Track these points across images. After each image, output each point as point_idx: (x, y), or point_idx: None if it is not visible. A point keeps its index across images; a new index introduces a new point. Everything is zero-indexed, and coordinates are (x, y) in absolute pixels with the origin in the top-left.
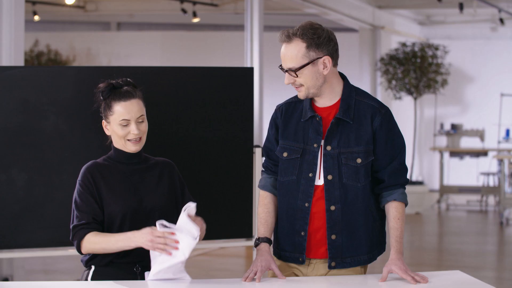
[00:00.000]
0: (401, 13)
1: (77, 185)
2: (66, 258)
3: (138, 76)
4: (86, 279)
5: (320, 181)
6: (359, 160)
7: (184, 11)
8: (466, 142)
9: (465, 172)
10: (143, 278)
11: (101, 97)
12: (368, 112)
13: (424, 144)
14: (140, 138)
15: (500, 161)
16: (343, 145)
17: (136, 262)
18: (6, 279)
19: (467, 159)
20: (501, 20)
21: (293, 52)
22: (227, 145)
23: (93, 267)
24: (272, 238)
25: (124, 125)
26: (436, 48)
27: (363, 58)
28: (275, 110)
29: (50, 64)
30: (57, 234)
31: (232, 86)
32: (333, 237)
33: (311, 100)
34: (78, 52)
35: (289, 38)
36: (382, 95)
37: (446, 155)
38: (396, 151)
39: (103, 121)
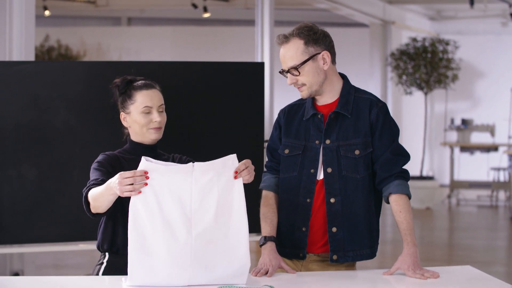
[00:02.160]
0: (412, 8)
1: (94, 164)
2: (77, 253)
3: (148, 71)
4: (97, 274)
5: (320, 175)
6: (357, 152)
7: (194, 6)
8: (477, 137)
9: (476, 167)
10: None
11: (117, 92)
12: (366, 105)
13: (434, 139)
14: (160, 128)
15: (511, 156)
16: (342, 138)
17: None
18: (16, 274)
19: (478, 154)
20: None
21: (293, 50)
22: (238, 140)
23: (105, 262)
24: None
25: (147, 112)
26: (447, 43)
27: (373, 53)
28: (278, 113)
29: (60, 59)
30: (67, 229)
31: (243, 81)
32: (334, 229)
33: (313, 100)
34: (89, 47)
35: (286, 38)
36: (392, 90)
37: (457, 150)
38: (389, 142)
39: (121, 113)
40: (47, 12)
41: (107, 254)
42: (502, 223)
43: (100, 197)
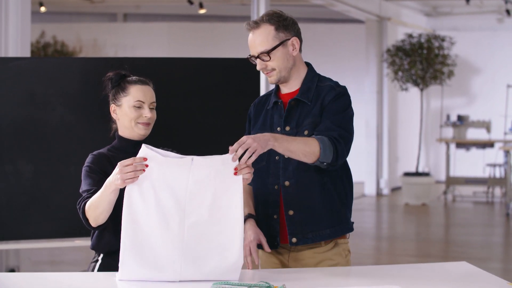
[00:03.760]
0: (408, 4)
1: (84, 168)
2: (73, 249)
3: (144, 67)
4: (93, 271)
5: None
6: (306, 132)
7: (190, 2)
8: (473, 134)
9: (472, 164)
10: None
11: (110, 85)
12: (324, 91)
13: (430, 136)
14: (149, 124)
15: (507, 153)
16: (300, 124)
17: None
18: (12, 270)
19: (474, 151)
20: (508, 12)
21: (263, 35)
22: (233, 136)
23: (100, 260)
24: (255, 214)
25: (138, 106)
26: (443, 40)
27: (369, 50)
28: (250, 106)
29: (56, 55)
30: (63, 226)
31: (239, 77)
32: (291, 212)
33: (277, 89)
34: (85, 43)
35: (257, 24)
36: (388, 86)
37: (453, 146)
38: (332, 115)
39: (111, 105)
40: (43, 8)
41: (101, 253)
42: (498, 219)
43: (100, 202)
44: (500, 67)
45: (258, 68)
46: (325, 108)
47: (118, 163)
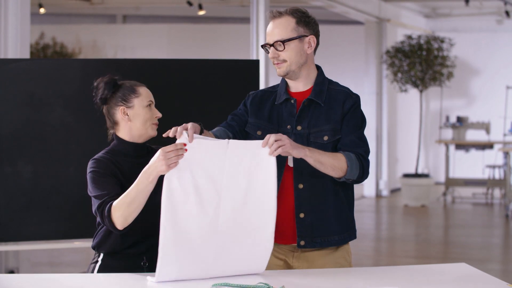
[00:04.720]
0: (407, 6)
1: (91, 173)
2: (72, 251)
3: (144, 68)
4: (93, 272)
5: (290, 160)
6: (326, 138)
7: (190, 3)
8: (472, 135)
9: (471, 165)
10: (150, 271)
11: (107, 89)
12: (340, 97)
13: (429, 137)
14: (157, 124)
15: (506, 154)
16: (313, 126)
17: (143, 254)
18: (12, 272)
19: (473, 152)
20: (507, 13)
21: (283, 25)
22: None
23: (99, 261)
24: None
25: (149, 106)
26: (442, 41)
27: (369, 51)
28: (248, 95)
29: (55, 56)
30: (63, 227)
31: (238, 79)
32: (301, 215)
33: (286, 86)
34: (84, 44)
35: (280, 14)
36: (387, 87)
37: (452, 147)
38: (356, 128)
39: (121, 108)
40: (42, 10)
41: (101, 253)
42: (497, 221)
43: (136, 196)
44: (499, 68)
45: (270, 56)
46: (345, 117)
47: (160, 149)
